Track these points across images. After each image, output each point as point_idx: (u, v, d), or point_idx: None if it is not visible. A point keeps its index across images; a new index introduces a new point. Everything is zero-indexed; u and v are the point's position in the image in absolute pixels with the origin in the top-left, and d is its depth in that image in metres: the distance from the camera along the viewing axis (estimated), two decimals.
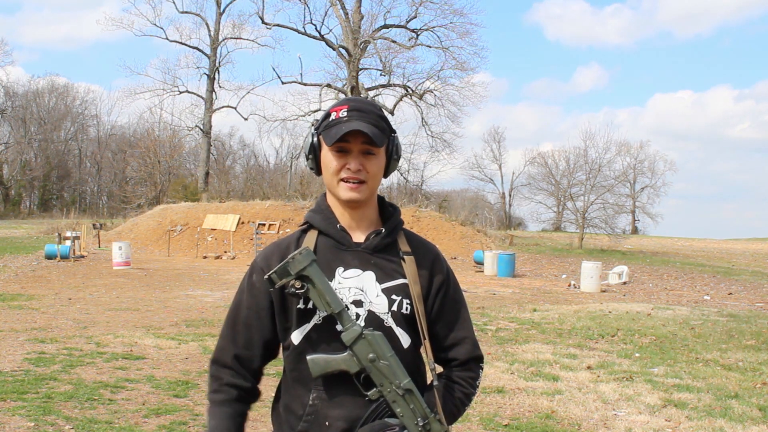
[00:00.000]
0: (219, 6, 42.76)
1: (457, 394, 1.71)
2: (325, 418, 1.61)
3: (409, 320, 1.66)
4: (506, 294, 15.50)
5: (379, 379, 1.58)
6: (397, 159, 1.72)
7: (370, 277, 1.65)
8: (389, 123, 1.71)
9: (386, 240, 1.70)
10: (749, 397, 6.23)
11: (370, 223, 1.72)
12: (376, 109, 1.68)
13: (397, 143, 1.71)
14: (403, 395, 1.58)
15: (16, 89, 56.87)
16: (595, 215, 33.30)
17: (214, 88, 42.83)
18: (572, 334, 9.66)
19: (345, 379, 1.60)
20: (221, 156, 52.96)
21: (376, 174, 1.67)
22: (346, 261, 1.66)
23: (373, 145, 1.63)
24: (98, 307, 11.21)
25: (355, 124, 1.60)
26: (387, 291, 1.65)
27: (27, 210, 54.06)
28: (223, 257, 25.58)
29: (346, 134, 1.60)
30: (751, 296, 17.07)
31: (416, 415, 1.58)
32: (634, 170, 51.78)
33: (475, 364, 1.75)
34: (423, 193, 41.58)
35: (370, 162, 1.65)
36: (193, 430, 4.92)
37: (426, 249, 1.75)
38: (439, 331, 1.71)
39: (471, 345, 1.74)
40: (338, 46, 36.83)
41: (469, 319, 1.77)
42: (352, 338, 1.57)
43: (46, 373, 6.31)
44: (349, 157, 1.64)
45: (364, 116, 1.63)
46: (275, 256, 1.69)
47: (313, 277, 1.58)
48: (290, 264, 1.58)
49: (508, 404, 5.84)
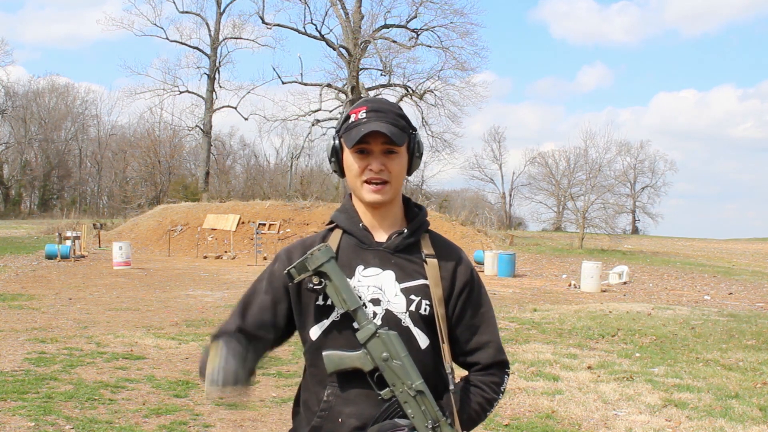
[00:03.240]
0: (219, 6, 42.78)
1: (477, 398, 1.68)
2: (339, 415, 1.61)
3: (428, 321, 1.65)
4: (506, 294, 15.49)
5: (392, 379, 1.58)
6: (420, 156, 1.72)
7: (389, 276, 1.65)
8: (409, 121, 1.71)
9: (408, 240, 1.70)
10: (749, 396, 6.23)
11: (393, 223, 1.72)
12: (394, 108, 1.68)
13: (419, 140, 1.71)
14: (415, 396, 1.57)
15: (17, 89, 56.94)
16: (595, 215, 33.32)
17: (214, 88, 42.83)
18: (572, 334, 9.66)
19: (359, 377, 1.61)
20: (221, 156, 52.93)
21: (398, 173, 1.67)
22: (366, 259, 1.67)
23: (393, 145, 1.63)
24: (98, 307, 11.21)
25: (374, 125, 1.61)
26: (406, 291, 1.65)
27: (27, 210, 54.07)
28: (224, 257, 25.58)
29: (366, 135, 1.60)
30: (752, 296, 17.06)
31: (427, 418, 1.57)
32: (635, 170, 51.91)
33: (499, 369, 1.72)
34: (423, 193, 41.59)
35: (392, 161, 1.65)
36: (193, 430, 4.92)
37: (450, 251, 1.74)
38: (461, 335, 1.69)
39: (494, 350, 1.71)
40: (338, 46, 36.84)
41: (494, 324, 1.74)
42: (366, 336, 1.58)
43: (47, 373, 6.31)
44: (371, 158, 1.64)
45: (383, 116, 1.63)
46: (297, 252, 1.71)
47: (331, 273, 1.59)
48: (308, 260, 1.59)
49: (508, 404, 5.84)
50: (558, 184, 40.42)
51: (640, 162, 52.50)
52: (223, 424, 5.05)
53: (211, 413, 5.28)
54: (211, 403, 5.49)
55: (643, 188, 50.60)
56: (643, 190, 50.24)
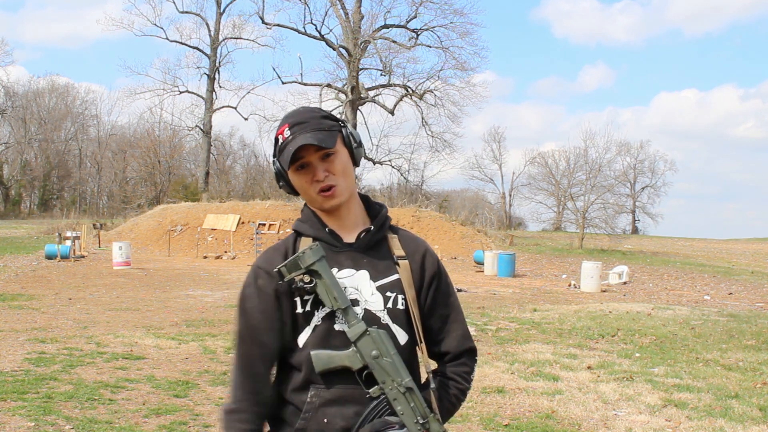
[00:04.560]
0: (219, 6, 42.77)
1: (453, 390, 1.72)
2: (324, 416, 1.61)
3: (405, 315, 1.67)
4: (506, 294, 15.48)
5: (382, 377, 1.59)
6: (359, 145, 1.71)
7: (364, 276, 1.67)
8: (334, 117, 1.71)
9: (376, 236, 1.72)
10: (749, 397, 6.23)
11: (357, 222, 1.73)
12: (315, 113, 1.68)
13: (350, 131, 1.71)
14: (404, 393, 1.59)
15: (17, 89, 56.90)
16: (595, 215, 33.34)
17: (214, 88, 42.83)
18: (572, 334, 9.66)
19: (344, 377, 1.61)
20: (221, 156, 52.93)
21: (343, 170, 1.67)
22: (339, 262, 1.67)
23: (326, 149, 1.64)
24: (98, 307, 11.21)
25: (299, 139, 1.62)
26: (381, 288, 1.67)
27: (27, 210, 54.04)
28: (224, 257, 25.58)
29: (296, 152, 1.62)
30: (752, 296, 17.07)
31: (416, 414, 1.59)
32: (634, 170, 51.87)
33: (469, 357, 1.76)
34: (423, 193, 41.52)
35: (332, 163, 1.66)
36: (193, 430, 4.92)
37: (416, 245, 1.77)
38: (432, 325, 1.72)
39: (463, 337, 1.75)
40: (338, 46, 36.83)
41: (461, 312, 1.78)
42: (356, 334, 1.59)
43: (47, 373, 6.31)
44: (312, 170, 1.65)
45: (306, 126, 1.64)
46: (278, 262, 1.67)
47: (322, 272, 1.60)
48: (300, 258, 1.60)
49: (508, 404, 5.84)
50: (558, 184, 40.45)
51: (640, 162, 52.48)
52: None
53: (211, 413, 5.28)
54: (211, 402, 5.49)
55: (643, 188, 50.59)
56: (643, 190, 50.23)
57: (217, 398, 5.66)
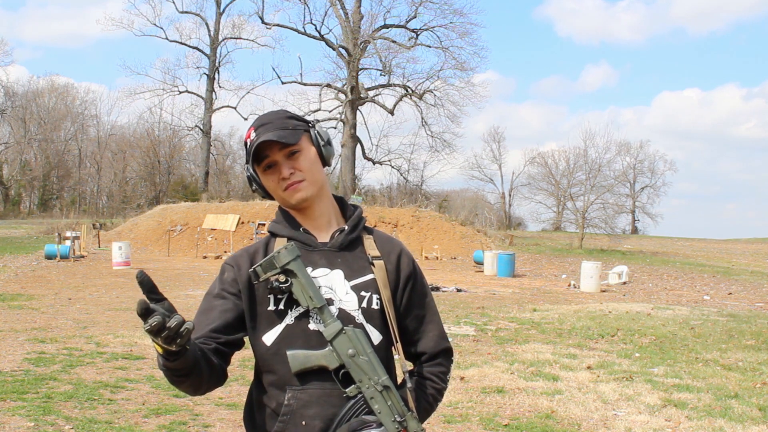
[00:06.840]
0: (219, 6, 42.81)
1: (429, 390, 1.73)
2: (302, 418, 1.60)
3: (380, 315, 1.67)
4: (506, 294, 15.48)
5: (359, 375, 1.59)
6: (327, 143, 1.73)
7: (338, 276, 1.67)
8: (301, 118, 1.74)
9: (351, 236, 1.73)
10: (749, 397, 6.23)
11: (330, 221, 1.75)
12: (281, 114, 1.72)
13: (319, 131, 1.73)
14: (381, 392, 1.59)
15: (16, 89, 56.89)
16: (595, 215, 33.36)
17: (214, 88, 42.86)
18: (572, 334, 9.66)
19: (321, 377, 1.61)
20: (221, 156, 52.93)
21: (310, 167, 1.69)
22: (314, 261, 1.68)
23: (290, 146, 1.66)
24: (98, 307, 11.21)
25: (263, 137, 1.64)
26: (356, 288, 1.67)
27: (27, 210, 54.02)
28: (223, 257, 25.58)
29: (260, 150, 1.65)
30: (751, 296, 17.08)
31: (393, 412, 1.58)
32: (634, 170, 51.90)
33: (445, 357, 1.77)
34: (423, 193, 41.55)
35: (298, 160, 1.68)
36: (192, 430, 4.92)
37: (391, 245, 1.78)
38: (408, 325, 1.73)
39: (439, 337, 1.76)
40: (338, 46, 36.83)
41: (437, 312, 1.79)
42: (332, 333, 1.58)
43: (46, 373, 6.31)
44: (278, 168, 1.68)
45: (270, 126, 1.67)
46: (244, 259, 1.71)
47: (297, 271, 1.60)
48: (276, 258, 1.60)
49: (508, 404, 5.85)
50: (558, 184, 40.48)
51: (639, 162, 52.50)
52: (222, 424, 5.05)
53: (211, 413, 5.28)
54: (211, 402, 5.49)
55: (643, 188, 50.62)
56: (643, 190, 50.26)
57: (217, 398, 5.66)
